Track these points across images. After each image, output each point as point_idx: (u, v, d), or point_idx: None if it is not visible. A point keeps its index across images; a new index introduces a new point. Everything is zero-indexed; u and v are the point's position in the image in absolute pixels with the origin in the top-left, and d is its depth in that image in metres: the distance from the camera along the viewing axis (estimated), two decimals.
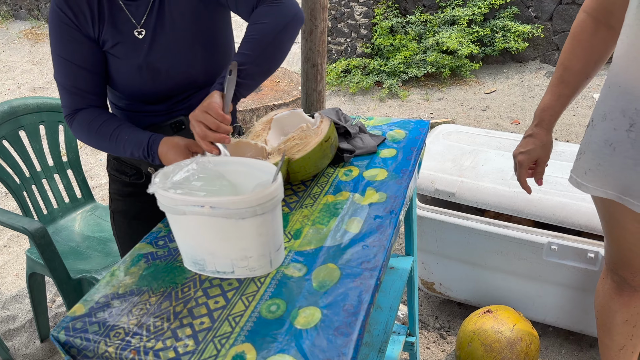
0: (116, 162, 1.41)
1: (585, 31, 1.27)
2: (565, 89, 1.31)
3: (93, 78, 1.22)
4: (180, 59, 1.24)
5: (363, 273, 0.95)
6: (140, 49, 1.21)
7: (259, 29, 1.12)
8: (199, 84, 1.29)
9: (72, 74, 1.20)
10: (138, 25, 1.20)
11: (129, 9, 1.19)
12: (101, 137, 1.21)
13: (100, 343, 0.85)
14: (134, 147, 1.18)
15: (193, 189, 0.96)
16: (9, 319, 2.33)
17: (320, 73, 1.89)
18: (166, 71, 1.23)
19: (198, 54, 1.25)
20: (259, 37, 1.12)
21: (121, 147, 1.20)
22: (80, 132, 1.24)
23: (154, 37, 1.21)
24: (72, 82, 1.21)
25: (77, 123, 1.23)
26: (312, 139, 1.20)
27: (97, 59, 1.21)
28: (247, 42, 1.12)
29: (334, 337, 0.82)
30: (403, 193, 1.20)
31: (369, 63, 4.97)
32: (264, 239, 0.93)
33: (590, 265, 1.77)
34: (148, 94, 1.26)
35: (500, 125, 4.01)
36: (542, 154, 1.37)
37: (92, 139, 1.23)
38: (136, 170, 1.39)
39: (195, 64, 1.25)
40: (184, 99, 1.30)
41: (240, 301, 0.91)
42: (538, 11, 4.80)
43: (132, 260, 1.04)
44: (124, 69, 1.22)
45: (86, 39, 1.18)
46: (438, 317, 2.20)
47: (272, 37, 1.12)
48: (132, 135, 1.19)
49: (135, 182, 1.40)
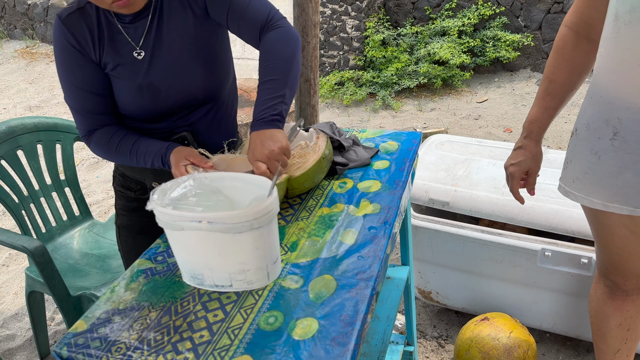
0: (122, 178, 1.45)
1: (567, 45, 1.31)
2: (552, 101, 1.35)
3: (102, 100, 1.27)
4: (179, 78, 1.27)
5: (359, 283, 0.97)
6: (140, 69, 1.24)
7: (279, 55, 1.18)
8: (199, 101, 1.32)
9: (82, 98, 1.25)
10: (137, 46, 1.23)
11: (127, 31, 1.23)
12: (121, 153, 1.28)
13: (102, 358, 0.86)
14: (154, 157, 1.25)
15: (190, 204, 0.98)
16: (8, 337, 2.33)
17: (313, 88, 1.92)
18: (166, 90, 1.27)
19: (197, 72, 1.28)
20: (284, 62, 1.18)
21: (142, 160, 1.26)
22: (99, 150, 1.30)
23: (152, 58, 1.24)
24: (83, 106, 1.26)
25: (95, 143, 1.29)
26: (311, 156, 1.23)
27: (103, 82, 1.25)
28: (273, 68, 1.17)
29: (331, 347, 0.83)
30: (397, 204, 1.22)
31: (361, 75, 5.03)
32: (261, 252, 0.95)
33: (584, 270, 1.79)
34: (149, 113, 1.29)
35: (492, 134, 4.05)
36: (533, 165, 1.40)
37: (113, 155, 1.29)
38: (141, 185, 1.43)
39: (195, 82, 1.29)
40: (185, 116, 1.33)
41: (238, 314, 0.93)
42: (527, 20, 4.88)
43: (132, 276, 1.05)
44: (126, 90, 1.26)
45: (90, 63, 1.22)
46: (436, 325, 2.22)
47: (293, 59, 1.20)
48: (150, 147, 1.25)
49: (140, 197, 1.44)
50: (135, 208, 1.46)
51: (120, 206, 1.49)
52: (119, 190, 1.47)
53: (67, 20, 1.20)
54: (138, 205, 1.45)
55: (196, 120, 1.35)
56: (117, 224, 1.51)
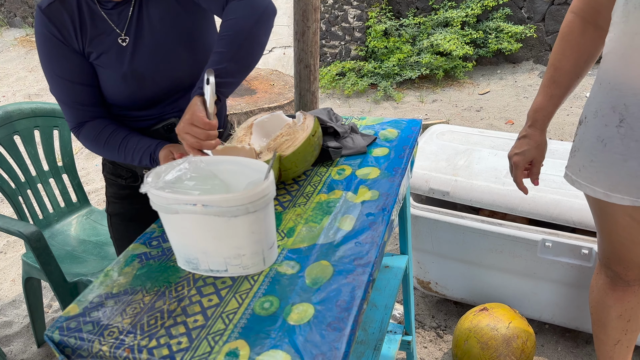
0: (112, 165, 1.42)
1: (574, 31, 1.29)
2: (557, 89, 1.32)
3: (89, 91, 1.24)
4: (164, 64, 1.24)
5: (356, 269, 0.96)
6: (124, 57, 1.21)
7: (232, 25, 1.11)
8: (185, 86, 1.29)
9: (69, 90, 1.22)
10: (121, 32, 1.21)
11: (111, 17, 1.20)
12: (110, 149, 1.25)
13: (94, 342, 0.85)
14: (143, 155, 1.22)
15: (185, 188, 0.96)
16: (5, 324, 2.33)
17: (313, 74, 1.90)
18: (151, 77, 1.24)
19: (182, 57, 1.25)
20: (234, 33, 1.10)
21: (130, 157, 1.24)
22: (88, 144, 1.27)
23: (136, 44, 1.22)
24: (71, 98, 1.23)
25: (84, 137, 1.26)
26: (300, 134, 1.22)
27: (88, 72, 1.22)
28: (222, 39, 1.11)
29: (326, 332, 0.82)
30: (395, 191, 1.21)
31: (363, 66, 4.99)
32: (256, 237, 0.94)
33: (585, 261, 1.78)
34: (136, 100, 1.27)
35: (494, 126, 4.03)
36: (537, 154, 1.38)
37: (101, 150, 1.27)
38: (131, 173, 1.40)
39: (180, 66, 1.26)
40: (173, 102, 1.31)
41: (233, 299, 0.91)
42: (530, 12, 4.83)
43: (126, 260, 1.04)
44: (110, 78, 1.23)
45: (74, 54, 1.19)
46: (434, 316, 2.21)
47: (247, 32, 1.11)
48: (139, 144, 1.23)
49: (131, 184, 1.42)
50: (127, 195, 1.44)
51: (111, 194, 1.47)
52: (109, 178, 1.45)
53: (47, 10, 1.16)
54: (129, 192, 1.43)
55: (184, 105, 1.26)
56: (109, 211, 1.49)
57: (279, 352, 0.79)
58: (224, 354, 0.80)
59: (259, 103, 2.78)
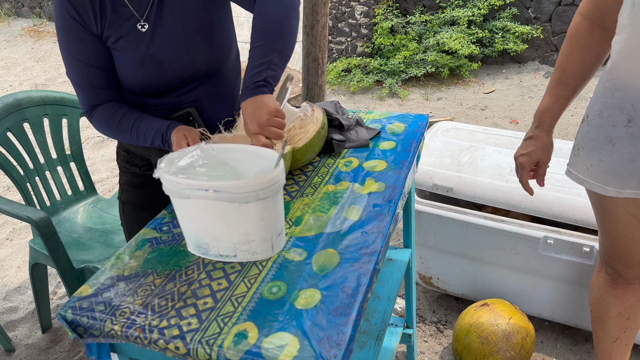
0: (126, 154, 1.44)
1: (581, 33, 1.30)
2: (564, 91, 1.34)
3: (105, 75, 1.25)
4: (181, 51, 1.26)
5: (362, 258, 0.98)
6: (142, 42, 1.23)
7: (269, 18, 1.15)
8: (202, 75, 1.31)
9: (85, 73, 1.23)
10: (141, 18, 1.22)
11: (132, 3, 1.21)
12: (122, 130, 1.26)
13: (106, 322, 0.87)
14: (155, 136, 1.24)
15: (197, 174, 0.98)
16: (11, 310, 2.36)
17: (321, 67, 1.92)
18: (168, 63, 1.25)
19: (199, 46, 1.27)
20: (273, 25, 1.14)
21: (142, 138, 1.25)
22: (101, 126, 1.29)
23: (155, 30, 1.23)
24: (86, 81, 1.24)
25: (97, 119, 1.28)
26: (311, 127, 1.25)
27: (105, 56, 1.24)
28: (262, 33, 1.14)
29: (333, 316, 0.84)
30: (402, 183, 1.23)
31: (369, 62, 5.00)
32: (266, 224, 0.96)
33: (586, 259, 1.79)
34: (152, 87, 1.28)
35: (498, 125, 4.04)
36: (543, 155, 1.39)
37: (114, 132, 1.28)
38: (146, 161, 1.42)
39: (197, 55, 1.28)
40: (189, 91, 1.32)
41: (242, 283, 0.93)
42: (537, 12, 4.84)
43: (137, 244, 1.06)
44: (127, 63, 1.24)
45: (92, 36, 1.20)
46: (435, 311, 2.23)
47: (284, 23, 1.15)
48: (151, 124, 1.24)
49: (144, 173, 1.43)
50: (140, 184, 1.45)
51: (125, 182, 1.48)
52: (123, 166, 1.47)
53: None
54: (143, 181, 1.44)
55: (200, 96, 1.34)
56: (121, 199, 1.51)
57: (286, 334, 0.81)
58: (233, 335, 0.82)
59: None
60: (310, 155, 1.26)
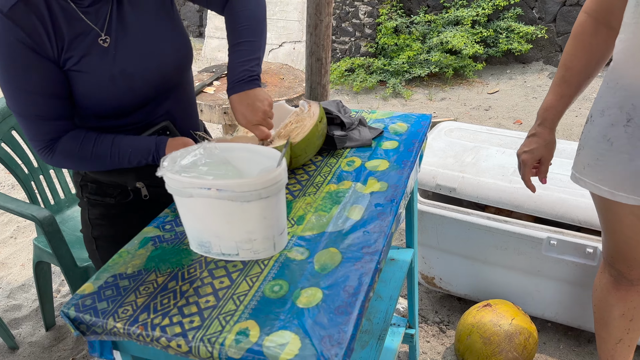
0: (95, 185, 1.28)
1: (586, 32, 1.30)
2: (567, 89, 1.33)
3: (63, 103, 1.10)
4: (151, 59, 1.16)
5: (364, 257, 0.98)
6: (108, 57, 1.11)
7: (254, 17, 1.18)
8: (173, 83, 1.24)
9: (39, 105, 1.06)
10: (102, 32, 1.10)
11: (89, 16, 1.08)
12: (99, 158, 1.14)
13: (108, 319, 0.88)
14: (141, 156, 1.15)
15: (200, 172, 0.98)
16: (14, 307, 2.37)
17: (324, 67, 1.92)
18: (140, 76, 1.15)
19: (166, 53, 1.19)
20: (257, 23, 1.18)
21: (126, 161, 1.16)
22: (69, 160, 1.14)
23: (118, 42, 1.12)
24: (40, 113, 1.07)
25: (62, 153, 1.13)
26: (308, 121, 1.26)
27: (62, 82, 1.08)
28: (249, 30, 1.17)
29: (334, 315, 0.84)
30: (404, 183, 1.23)
31: (372, 62, 5.00)
32: (268, 222, 0.96)
33: (589, 260, 1.79)
34: (127, 104, 1.17)
35: (502, 125, 4.03)
36: (546, 152, 1.39)
37: (87, 162, 1.16)
38: (121, 189, 1.28)
39: (166, 61, 1.19)
40: (160, 104, 1.23)
41: (244, 281, 0.94)
42: (542, 12, 4.82)
43: (140, 242, 1.07)
44: (94, 84, 1.10)
45: (46, 62, 1.04)
46: (438, 311, 2.23)
47: (264, 22, 1.20)
48: (134, 144, 1.15)
49: (121, 202, 1.29)
50: (117, 214, 1.30)
51: (97, 216, 1.31)
52: (93, 199, 1.29)
53: (11, 13, 0.98)
54: (120, 211, 1.30)
55: (171, 108, 1.25)
56: (93, 235, 1.32)
57: (287, 333, 0.81)
58: (235, 333, 0.82)
59: None
60: (310, 150, 1.26)
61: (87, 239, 1.35)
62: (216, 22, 5.78)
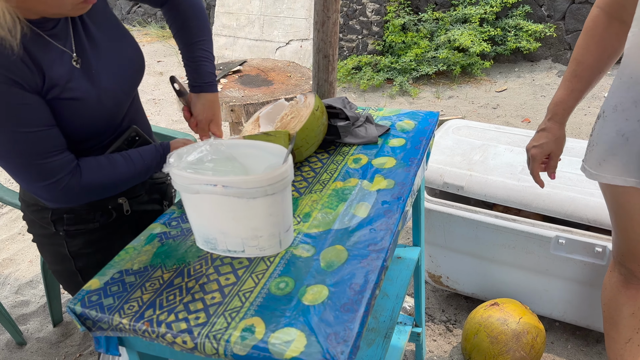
0: (73, 215, 1.17)
1: (598, 26, 1.28)
2: (579, 84, 1.32)
3: (58, 132, 1.01)
4: (125, 72, 1.13)
5: (370, 255, 0.97)
6: (91, 78, 1.05)
7: (202, 16, 1.26)
8: (137, 85, 1.21)
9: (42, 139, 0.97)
10: (72, 53, 1.03)
11: (56, 40, 1.01)
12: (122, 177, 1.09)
13: (114, 315, 0.88)
14: (154, 161, 1.13)
15: (206, 169, 0.98)
16: (22, 303, 2.38)
17: (331, 64, 1.91)
18: (122, 90, 1.12)
19: (133, 59, 1.16)
20: (205, 22, 1.27)
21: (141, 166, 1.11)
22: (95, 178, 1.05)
23: (94, 61, 1.07)
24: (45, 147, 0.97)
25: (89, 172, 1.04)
26: (304, 111, 1.26)
27: (49, 112, 0.99)
28: (202, 29, 1.25)
29: (340, 313, 0.84)
30: (411, 180, 1.22)
31: (379, 60, 4.98)
32: (274, 219, 0.95)
33: (598, 259, 1.77)
34: (112, 121, 1.12)
35: (510, 124, 4.00)
36: (555, 147, 1.38)
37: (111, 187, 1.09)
38: (101, 210, 1.20)
39: (135, 68, 1.17)
40: (127, 113, 1.18)
41: (250, 278, 0.93)
42: (551, 10, 4.78)
43: (146, 239, 1.07)
44: (82, 107, 1.03)
45: (32, 95, 0.95)
46: (445, 310, 2.22)
47: (208, 19, 1.29)
48: (143, 154, 1.13)
49: (105, 223, 1.21)
50: (101, 238, 1.21)
51: (80, 246, 1.20)
52: (72, 231, 1.18)
53: None
54: (103, 234, 1.21)
55: (133, 115, 1.20)
56: (77, 268, 1.22)
57: (293, 330, 0.81)
58: (240, 330, 0.82)
59: (275, 94, 2.79)
60: (311, 140, 1.25)
61: (67, 273, 1.23)
62: (224, 20, 5.78)
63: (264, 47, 5.50)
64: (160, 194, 1.35)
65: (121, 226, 1.23)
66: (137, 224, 1.24)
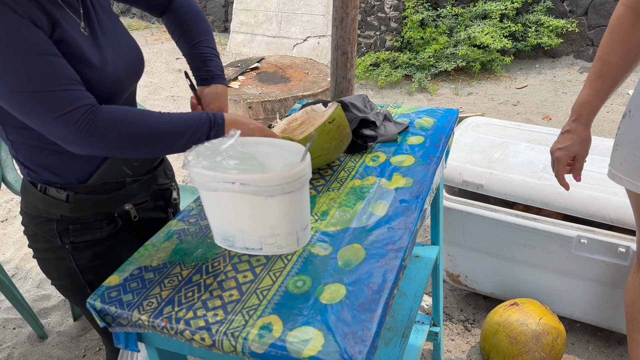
0: (79, 225, 1.13)
1: (625, 24, 1.25)
2: (604, 84, 1.29)
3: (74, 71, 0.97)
4: (129, 53, 1.14)
5: (388, 254, 0.96)
6: (96, 45, 1.05)
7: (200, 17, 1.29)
8: (134, 85, 1.20)
9: (56, 67, 0.93)
10: (80, 21, 1.05)
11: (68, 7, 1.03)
12: (150, 128, 0.98)
13: (134, 311, 0.89)
14: (194, 121, 1.01)
15: (224, 167, 0.98)
16: (44, 297, 2.42)
17: (350, 61, 1.90)
18: (124, 69, 1.11)
19: (136, 49, 1.18)
20: (207, 23, 1.30)
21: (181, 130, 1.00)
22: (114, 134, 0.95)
23: (99, 35, 1.08)
24: (60, 74, 0.93)
25: (110, 115, 0.95)
26: (317, 121, 1.20)
27: None
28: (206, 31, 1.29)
29: (358, 312, 0.83)
30: (430, 179, 1.20)
31: (398, 56, 4.95)
32: (291, 217, 0.95)
33: (621, 260, 1.73)
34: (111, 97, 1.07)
35: (531, 121, 3.95)
36: (581, 149, 1.35)
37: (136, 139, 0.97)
38: (108, 218, 1.15)
39: (138, 57, 1.18)
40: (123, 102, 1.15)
41: (267, 276, 0.93)
42: (573, 5, 4.70)
43: (165, 235, 1.07)
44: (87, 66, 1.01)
45: (45, 35, 0.94)
46: (463, 309, 2.20)
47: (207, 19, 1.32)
48: (186, 114, 1.02)
49: (111, 232, 1.17)
50: (108, 248, 1.17)
51: (88, 259, 1.16)
52: (78, 243, 1.14)
53: None
54: (110, 244, 1.17)
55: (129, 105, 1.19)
56: (86, 281, 1.17)
57: (310, 329, 0.81)
58: (258, 328, 0.82)
59: (293, 91, 2.79)
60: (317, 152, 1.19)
61: (75, 287, 1.18)
62: (241, 17, 5.80)
63: (282, 44, 5.50)
64: (164, 200, 1.30)
65: (127, 236, 1.19)
66: (143, 234, 1.19)
